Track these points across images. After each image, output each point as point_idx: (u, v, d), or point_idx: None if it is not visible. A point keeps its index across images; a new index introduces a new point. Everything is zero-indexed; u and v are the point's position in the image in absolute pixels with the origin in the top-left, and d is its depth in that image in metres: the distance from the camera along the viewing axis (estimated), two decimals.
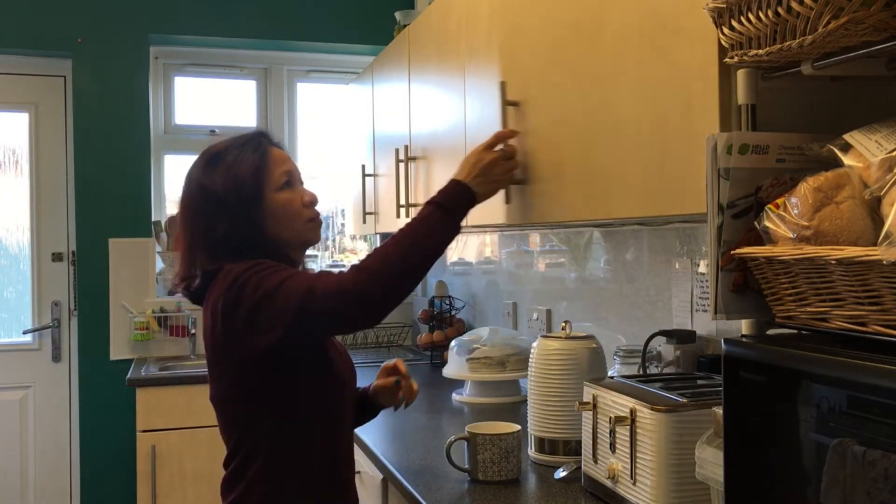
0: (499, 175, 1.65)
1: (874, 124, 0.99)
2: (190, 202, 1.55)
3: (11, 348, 3.69)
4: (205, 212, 1.51)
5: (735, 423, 1.06)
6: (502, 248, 3.21)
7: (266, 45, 3.92)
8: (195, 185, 1.54)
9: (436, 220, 1.51)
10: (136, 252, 3.67)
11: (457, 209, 1.55)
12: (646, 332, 1.97)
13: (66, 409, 3.70)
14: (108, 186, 3.63)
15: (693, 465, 1.27)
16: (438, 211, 1.52)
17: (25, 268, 3.73)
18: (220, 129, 3.97)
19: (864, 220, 0.95)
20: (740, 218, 1.10)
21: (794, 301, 1.02)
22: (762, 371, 1.00)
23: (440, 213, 1.52)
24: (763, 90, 1.14)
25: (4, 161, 3.74)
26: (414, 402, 1.80)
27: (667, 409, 1.42)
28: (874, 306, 0.90)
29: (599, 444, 1.59)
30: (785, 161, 1.11)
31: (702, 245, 1.98)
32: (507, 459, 1.75)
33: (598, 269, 2.49)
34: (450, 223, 1.53)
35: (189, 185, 1.56)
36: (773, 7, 0.97)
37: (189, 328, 3.68)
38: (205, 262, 1.52)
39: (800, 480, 0.95)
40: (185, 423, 3.18)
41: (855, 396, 0.87)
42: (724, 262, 1.10)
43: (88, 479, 3.58)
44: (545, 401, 1.88)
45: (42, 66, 3.72)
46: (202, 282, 1.52)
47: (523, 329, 2.96)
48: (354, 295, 1.37)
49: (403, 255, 1.43)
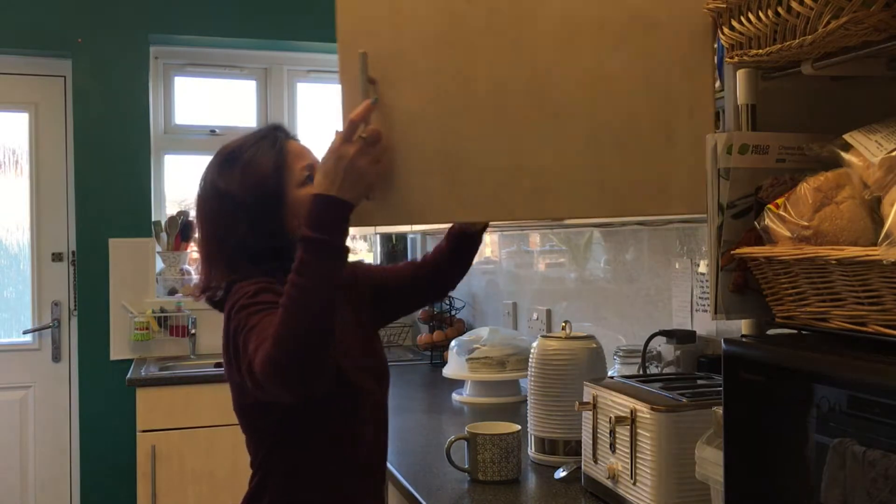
0: (366, 167, 1.26)
1: (874, 124, 0.99)
2: (205, 206, 1.49)
3: (11, 348, 3.69)
4: (221, 215, 1.45)
5: (735, 423, 1.06)
6: (502, 248, 3.21)
7: (266, 45, 3.92)
8: (210, 187, 1.48)
9: (311, 261, 1.25)
10: (136, 252, 3.67)
11: (330, 234, 1.26)
12: (646, 332, 1.97)
13: (66, 409, 3.70)
14: (108, 186, 3.63)
15: (693, 465, 1.27)
16: (310, 249, 1.25)
17: (25, 268, 3.73)
18: (220, 129, 3.97)
19: (865, 220, 0.95)
20: (740, 218, 1.10)
21: (794, 301, 1.02)
22: (762, 371, 1.00)
23: (313, 251, 1.25)
24: (763, 90, 1.14)
25: (4, 161, 3.74)
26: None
27: (667, 409, 1.42)
28: (874, 306, 0.90)
29: (599, 444, 1.59)
30: (785, 161, 1.11)
31: (702, 245, 1.98)
32: (507, 459, 1.75)
33: (598, 269, 2.49)
34: (326, 255, 1.26)
35: (204, 188, 1.50)
36: (773, 7, 0.98)
37: (189, 328, 3.68)
38: (222, 270, 1.46)
39: (800, 480, 0.95)
40: (185, 423, 3.18)
41: (855, 396, 0.87)
42: (724, 262, 1.10)
43: (88, 479, 3.58)
44: (545, 401, 1.88)
45: (42, 66, 3.72)
46: (224, 293, 1.45)
47: (523, 329, 2.96)
48: (267, 375, 1.23)
49: (297, 315, 1.23)
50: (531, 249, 2.95)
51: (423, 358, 3.50)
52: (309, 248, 1.25)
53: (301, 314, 1.23)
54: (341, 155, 1.25)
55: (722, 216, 1.09)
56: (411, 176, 1.27)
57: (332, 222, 1.26)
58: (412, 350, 3.78)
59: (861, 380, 0.87)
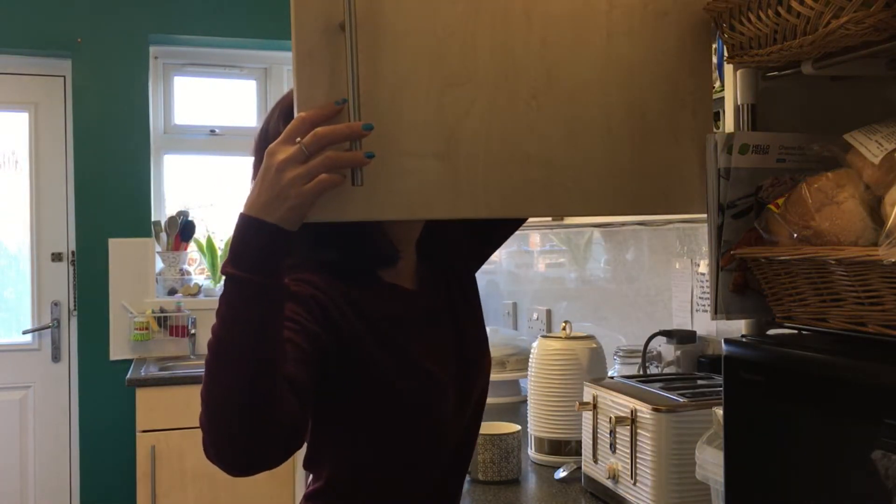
0: (290, 182, 0.90)
1: (874, 124, 0.99)
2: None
3: (11, 348, 3.69)
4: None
5: (735, 423, 1.06)
6: (502, 248, 3.21)
7: (266, 45, 3.92)
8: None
9: (231, 303, 0.92)
10: (136, 252, 3.67)
11: (252, 268, 0.91)
12: (646, 332, 1.97)
13: (66, 409, 3.70)
14: (107, 186, 3.63)
15: (693, 465, 1.27)
16: (227, 290, 0.93)
17: (25, 268, 3.73)
18: (220, 129, 3.97)
19: (865, 220, 0.95)
20: (740, 218, 1.10)
21: (794, 301, 1.02)
22: (762, 371, 1.00)
23: (230, 290, 0.92)
24: (763, 90, 1.14)
25: (4, 161, 3.74)
26: None
27: (667, 409, 1.42)
28: (874, 306, 0.90)
29: (599, 444, 1.59)
30: (785, 161, 1.11)
31: (702, 245, 1.98)
32: (507, 460, 1.75)
33: (598, 269, 2.49)
34: (247, 295, 0.92)
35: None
36: (773, 7, 0.98)
37: (189, 328, 3.68)
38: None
39: (800, 480, 0.95)
40: (185, 423, 3.17)
41: (854, 396, 0.87)
42: (724, 262, 1.10)
43: (88, 479, 3.58)
44: (545, 401, 1.88)
45: (42, 66, 3.72)
46: None
47: (523, 329, 2.96)
48: (206, 445, 0.94)
49: (218, 377, 0.92)
50: (531, 249, 2.95)
51: None
52: (226, 286, 0.93)
53: (221, 375, 0.92)
54: (270, 163, 0.91)
55: (722, 216, 1.09)
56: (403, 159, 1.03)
57: (253, 252, 0.92)
58: None
59: (861, 380, 0.87)
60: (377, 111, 1.01)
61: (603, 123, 1.14)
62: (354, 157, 0.93)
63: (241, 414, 0.92)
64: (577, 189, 1.13)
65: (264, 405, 0.93)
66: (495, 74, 1.09)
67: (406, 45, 1.04)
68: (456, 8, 1.07)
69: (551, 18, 1.11)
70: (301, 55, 0.98)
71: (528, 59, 1.10)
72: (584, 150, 1.13)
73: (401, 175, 1.03)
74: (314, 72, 0.98)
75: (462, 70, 1.07)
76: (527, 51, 1.10)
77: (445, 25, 1.06)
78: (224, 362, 0.92)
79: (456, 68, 1.07)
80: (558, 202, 1.12)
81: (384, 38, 1.02)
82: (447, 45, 1.06)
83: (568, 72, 1.12)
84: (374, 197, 1.01)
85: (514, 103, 1.10)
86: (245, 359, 0.92)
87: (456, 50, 1.07)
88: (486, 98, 1.08)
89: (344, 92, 0.97)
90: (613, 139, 1.14)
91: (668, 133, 1.16)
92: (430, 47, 1.06)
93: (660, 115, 1.15)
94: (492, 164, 1.08)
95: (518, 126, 1.10)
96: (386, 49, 1.02)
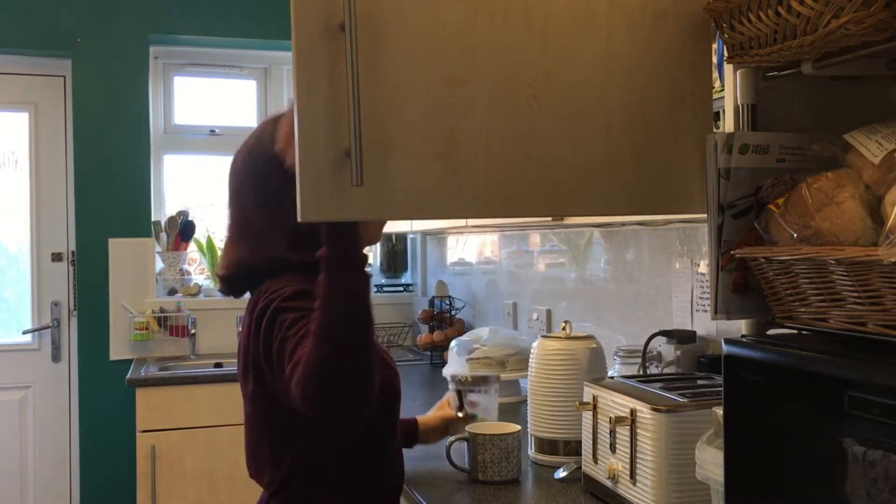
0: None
1: (874, 124, 0.99)
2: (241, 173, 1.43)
3: (11, 348, 3.69)
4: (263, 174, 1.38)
5: (735, 423, 1.06)
6: (502, 248, 3.21)
7: (266, 45, 3.92)
8: (241, 155, 1.43)
9: (331, 278, 1.16)
10: (135, 252, 3.67)
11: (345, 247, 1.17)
12: (646, 332, 1.97)
13: (65, 409, 3.70)
14: (107, 186, 3.63)
15: (693, 465, 1.27)
16: (362, 278, 1.18)
17: (25, 268, 3.73)
18: (220, 129, 3.97)
19: (865, 220, 0.94)
20: (740, 218, 1.10)
21: (794, 301, 1.02)
22: (762, 371, 1.00)
23: (364, 281, 1.19)
24: (763, 90, 1.14)
25: (4, 161, 3.74)
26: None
27: (667, 409, 1.42)
28: (874, 306, 0.90)
29: (599, 444, 1.59)
30: (785, 161, 1.11)
31: (702, 245, 1.98)
32: (508, 460, 1.75)
33: (598, 269, 2.49)
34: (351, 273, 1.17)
35: (235, 162, 1.45)
36: (773, 7, 0.98)
37: (189, 328, 3.68)
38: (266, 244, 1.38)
39: (800, 480, 0.95)
40: (185, 423, 3.18)
41: (855, 396, 0.87)
42: (724, 262, 1.10)
43: (88, 479, 3.58)
44: (545, 401, 1.88)
45: (42, 66, 3.72)
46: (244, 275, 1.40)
47: (523, 329, 2.96)
48: (312, 403, 1.14)
49: (326, 342, 1.13)
50: (531, 249, 2.95)
51: (423, 358, 3.50)
52: (359, 277, 1.18)
53: (329, 341, 1.13)
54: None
55: (722, 216, 1.09)
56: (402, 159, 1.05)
57: (342, 232, 1.16)
58: (412, 350, 3.78)
59: (861, 380, 0.87)
60: (377, 111, 1.02)
61: (603, 123, 1.15)
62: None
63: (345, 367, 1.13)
64: (577, 189, 1.14)
65: (361, 361, 1.16)
66: (495, 74, 1.09)
67: (406, 45, 1.05)
68: (456, 8, 1.07)
69: (551, 18, 1.12)
70: (301, 55, 0.99)
71: (528, 59, 1.11)
72: (584, 150, 1.14)
73: (401, 175, 1.04)
74: (314, 72, 0.99)
75: (462, 70, 1.07)
76: (527, 51, 1.11)
77: (445, 25, 1.07)
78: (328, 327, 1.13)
79: (456, 68, 1.07)
80: (558, 202, 1.13)
81: (384, 38, 1.03)
82: (447, 45, 1.07)
83: (568, 72, 1.13)
84: (374, 197, 1.02)
85: (514, 103, 1.11)
86: (345, 320, 1.15)
87: (456, 50, 1.07)
88: (486, 98, 1.09)
89: (344, 92, 0.98)
90: (613, 139, 1.15)
91: (668, 133, 1.17)
92: (430, 47, 1.06)
93: (660, 115, 1.17)
94: (492, 164, 1.09)
95: (518, 126, 1.11)
96: (386, 49, 1.04)
